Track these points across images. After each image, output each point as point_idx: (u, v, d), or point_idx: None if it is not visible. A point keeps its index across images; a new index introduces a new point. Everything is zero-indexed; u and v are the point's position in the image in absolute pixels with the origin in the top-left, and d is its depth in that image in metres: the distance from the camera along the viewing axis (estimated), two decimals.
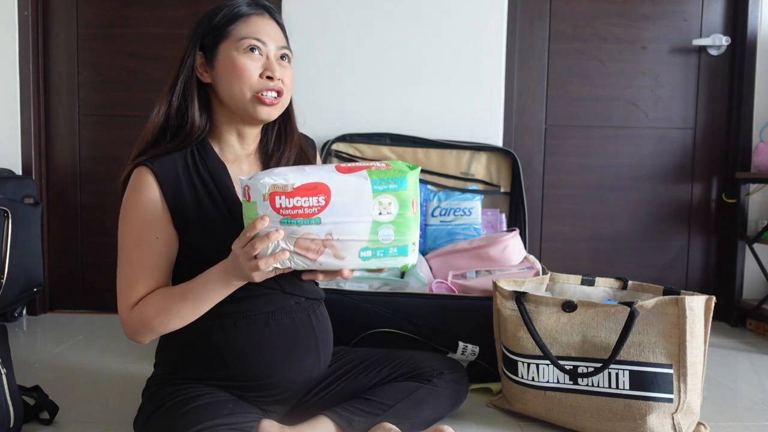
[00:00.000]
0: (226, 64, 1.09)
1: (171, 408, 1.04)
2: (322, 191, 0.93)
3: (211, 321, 1.08)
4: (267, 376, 1.11)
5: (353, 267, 0.98)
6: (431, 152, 2.21)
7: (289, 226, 0.93)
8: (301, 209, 0.93)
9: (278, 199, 0.92)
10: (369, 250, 0.96)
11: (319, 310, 1.21)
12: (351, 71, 2.26)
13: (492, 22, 2.26)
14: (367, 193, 0.95)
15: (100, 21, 2.33)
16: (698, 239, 2.43)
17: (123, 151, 2.32)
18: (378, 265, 0.98)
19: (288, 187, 0.92)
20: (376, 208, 0.95)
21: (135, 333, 1.06)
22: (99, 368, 1.70)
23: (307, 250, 0.95)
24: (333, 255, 0.95)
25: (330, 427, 1.12)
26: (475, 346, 1.56)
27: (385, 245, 0.97)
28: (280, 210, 0.92)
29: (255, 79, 1.08)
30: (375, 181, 0.95)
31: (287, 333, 1.12)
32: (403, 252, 0.98)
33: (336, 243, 0.95)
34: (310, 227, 0.93)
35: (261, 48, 1.09)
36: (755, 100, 2.33)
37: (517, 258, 1.73)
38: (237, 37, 1.09)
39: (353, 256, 0.96)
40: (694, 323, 1.21)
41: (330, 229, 0.94)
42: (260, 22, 1.11)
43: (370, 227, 0.95)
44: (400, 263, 0.99)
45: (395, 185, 0.95)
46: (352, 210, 0.94)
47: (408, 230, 0.97)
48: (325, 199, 0.93)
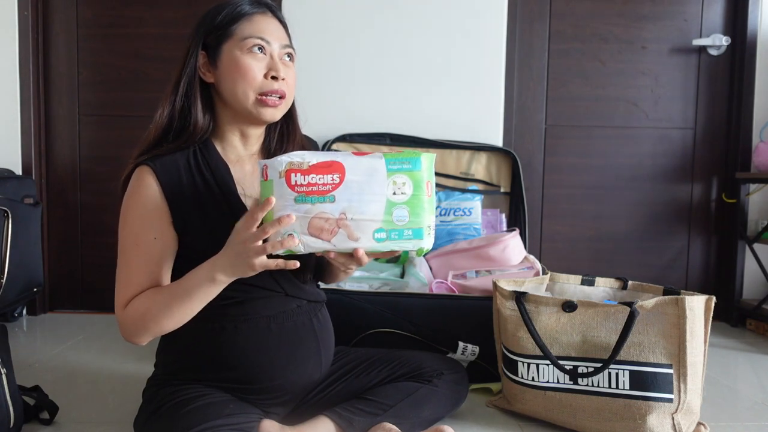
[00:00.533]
0: (229, 64, 1.08)
1: (171, 408, 1.04)
2: (337, 169, 0.95)
3: (211, 323, 1.08)
4: (268, 379, 1.10)
5: (368, 248, 0.96)
6: (431, 152, 2.20)
7: (303, 204, 0.94)
8: (316, 186, 0.94)
9: (294, 176, 0.93)
10: (383, 232, 0.96)
11: (321, 313, 1.21)
12: (351, 71, 2.26)
13: (492, 22, 2.26)
14: (381, 171, 0.95)
15: (100, 21, 2.33)
16: (698, 239, 2.43)
17: (123, 151, 2.34)
18: (392, 247, 0.97)
19: (304, 165, 0.94)
20: (390, 187, 0.96)
21: (130, 334, 1.05)
22: (99, 368, 1.70)
23: (321, 230, 0.94)
24: (347, 236, 0.95)
25: (330, 427, 1.12)
26: (475, 346, 1.56)
27: (400, 227, 0.96)
28: (295, 187, 0.93)
29: (259, 80, 1.07)
30: (389, 160, 0.96)
31: (289, 336, 1.12)
32: (419, 235, 0.97)
33: (350, 223, 0.94)
34: (324, 205, 0.94)
35: (265, 47, 1.08)
36: (755, 100, 2.33)
37: (517, 258, 1.73)
38: (240, 37, 1.08)
39: (367, 237, 0.95)
40: (694, 323, 1.21)
41: (344, 207, 0.94)
42: (263, 21, 1.10)
43: (384, 207, 0.95)
44: (416, 246, 0.98)
45: (409, 165, 0.96)
46: (366, 188, 0.95)
47: (423, 212, 0.97)
48: (340, 177, 0.94)
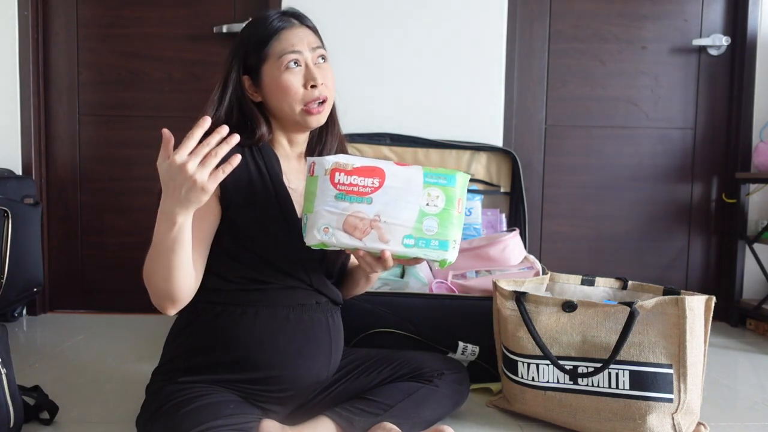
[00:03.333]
0: (271, 85, 1.15)
1: (173, 408, 1.04)
2: (378, 174, 1.01)
3: (233, 307, 1.11)
4: (277, 368, 1.11)
5: (395, 252, 1.02)
6: (431, 152, 2.21)
7: (343, 201, 1.00)
8: (356, 187, 1.01)
9: (337, 175, 1.01)
10: (412, 239, 1.02)
11: (336, 315, 1.23)
12: (351, 71, 2.26)
13: (492, 22, 2.26)
14: (418, 182, 1.02)
15: (100, 21, 2.33)
16: (698, 239, 2.43)
17: (123, 151, 2.37)
18: (418, 254, 1.03)
19: (348, 166, 1.01)
20: (425, 198, 1.02)
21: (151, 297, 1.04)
22: (99, 368, 1.70)
23: (355, 228, 1.00)
24: (378, 237, 1.01)
25: (330, 427, 1.12)
26: (475, 346, 1.56)
27: (429, 236, 1.02)
28: (338, 185, 1.00)
29: (301, 93, 1.14)
30: (427, 173, 1.02)
31: (304, 329, 1.14)
32: (444, 246, 1.03)
33: (382, 225, 1.01)
34: (361, 206, 1.01)
35: (299, 59, 1.14)
36: (755, 100, 2.33)
37: (517, 258, 1.73)
38: (275, 56, 1.14)
39: (397, 241, 1.01)
40: (694, 323, 1.21)
41: (379, 210, 1.01)
42: (291, 34, 1.15)
43: (416, 215, 1.02)
44: (440, 257, 1.03)
45: (445, 181, 1.02)
46: (402, 196, 1.01)
47: (451, 226, 1.03)
48: (380, 182, 1.01)
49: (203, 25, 2.32)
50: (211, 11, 2.31)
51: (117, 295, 2.34)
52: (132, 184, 2.36)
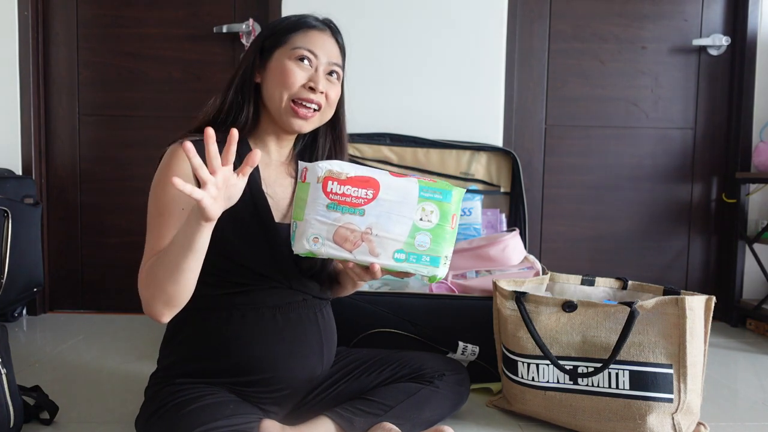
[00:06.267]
0: (275, 68, 1.13)
1: (172, 408, 1.04)
2: (372, 185, 0.98)
3: (218, 312, 1.10)
4: (270, 369, 1.11)
5: (385, 266, 0.99)
6: (431, 152, 2.21)
7: (334, 212, 0.97)
8: (349, 198, 0.97)
9: (330, 183, 0.97)
10: (403, 253, 0.98)
11: (326, 309, 1.22)
12: (350, 71, 2.24)
13: (492, 22, 2.26)
14: (413, 196, 0.98)
15: (100, 21, 2.33)
16: (698, 239, 2.43)
17: (123, 151, 2.37)
18: (408, 269, 0.99)
19: (342, 175, 0.97)
20: (419, 213, 0.98)
21: (146, 305, 1.01)
22: (99, 368, 1.70)
23: (345, 240, 0.97)
24: (368, 250, 0.98)
25: (330, 427, 1.12)
26: (475, 346, 1.56)
27: (420, 252, 0.99)
28: (330, 194, 0.97)
29: (297, 87, 1.12)
30: (423, 187, 0.99)
31: (293, 328, 1.14)
32: (435, 262, 1.00)
33: (374, 238, 0.97)
34: (353, 217, 0.97)
35: (312, 60, 1.14)
36: (755, 100, 2.33)
37: (517, 258, 1.73)
38: (292, 46, 1.14)
39: (387, 255, 0.98)
40: (694, 323, 1.21)
41: (371, 223, 0.97)
42: (318, 37, 1.16)
43: (409, 230, 0.98)
44: (430, 273, 1.00)
45: (440, 196, 0.99)
46: (395, 209, 0.98)
47: (444, 242, 0.99)
48: (373, 194, 0.98)
49: (203, 25, 2.32)
50: (211, 11, 2.31)
51: (117, 295, 2.34)
52: (132, 184, 2.36)
